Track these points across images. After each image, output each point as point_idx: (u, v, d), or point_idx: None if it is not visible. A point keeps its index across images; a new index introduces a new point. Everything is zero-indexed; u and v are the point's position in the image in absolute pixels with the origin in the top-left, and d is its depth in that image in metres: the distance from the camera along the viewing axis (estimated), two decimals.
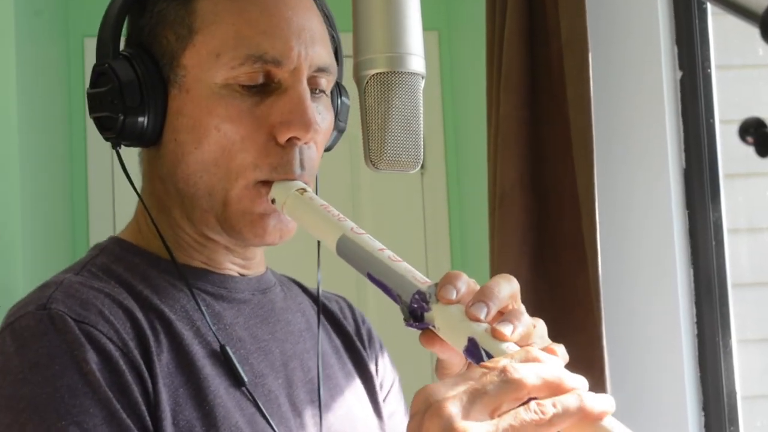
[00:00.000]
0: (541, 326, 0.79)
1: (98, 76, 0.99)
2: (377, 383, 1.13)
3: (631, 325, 1.92)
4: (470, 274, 0.80)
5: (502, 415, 0.65)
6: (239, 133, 0.96)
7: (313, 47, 0.98)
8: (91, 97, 0.99)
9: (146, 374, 0.90)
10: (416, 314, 0.78)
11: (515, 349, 0.72)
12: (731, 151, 1.93)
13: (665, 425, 1.89)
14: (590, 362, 1.78)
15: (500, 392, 0.65)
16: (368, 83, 0.80)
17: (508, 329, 0.74)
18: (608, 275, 1.84)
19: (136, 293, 0.96)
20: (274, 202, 0.96)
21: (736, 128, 0.69)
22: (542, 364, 0.68)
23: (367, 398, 1.10)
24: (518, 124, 1.93)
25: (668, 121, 1.91)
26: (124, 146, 1.00)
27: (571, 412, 0.65)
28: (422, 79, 0.82)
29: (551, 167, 1.94)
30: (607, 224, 1.86)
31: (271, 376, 1.00)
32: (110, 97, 0.97)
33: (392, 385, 1.16)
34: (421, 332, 0.79)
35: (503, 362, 0.67)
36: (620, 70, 1.97)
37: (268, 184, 0.97)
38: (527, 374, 0.66)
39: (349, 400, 1.08)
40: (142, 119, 0.97)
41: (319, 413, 1.03)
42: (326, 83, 1.01)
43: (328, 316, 1.14)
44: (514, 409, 0.65)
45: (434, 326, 0.78)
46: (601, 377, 1.77)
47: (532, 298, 1.87)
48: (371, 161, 0.81)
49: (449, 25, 3.14)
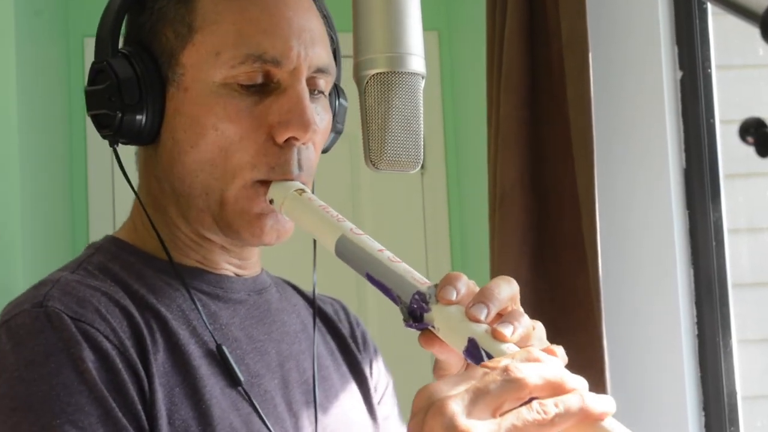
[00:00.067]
0: (540, 328, 0.79)
1: (96, 73, 0.98)
2: (372, 386, 1.12)
3: (631, 325, 1.92)
4: (470, 274, 0.80)
5: (504, 414, 0.65)
6: (237, 132, 0.95)
7: (313, 48, 0.98)
8: (89, 94, 0.99)
9: (142, 373, 0.90)
10: (416, 315, 0.78)
11: (515, 350, 0.72)
12: (731, 151, 1.93)
13: (665, 425, 1.89)
14: (590, 362, 1.78)
15: (503, 391, 0.65)
16: (368, 83, 0.80)
17: (508, 330, 0.73)
18: (608, 275, 1.83)
19: (132, 292, 0.96)
20: (272, 202, 0.96)
21: (736, 128, 0.69)
22: (544, 364, 0.68)
23: (361, 400, 1.10)
24: (518, 124, 1.93)
25: (668, 121, 1.91)
26: (121, 144, 1.00)
27: (573, 412, 0.65)
28: (422, 79, 0.82)
29: (551, 167, 1.93)
30: (607, 224, 1.85)
31: (267, 376, 1.00)
32: (108, 94, 0.96)
33: (386, 388, 1.15)
34: (420, 333, 0.79)
35: (505, 362, 0.67)
36: (620, 70, 1.96)
37: (265, 184, 0.96)
38: (529, 374, 0.66)
39: (344, 401, 1.07)
40: (140, 117, 0.97)
41: (314, 414, 1.02)
42: (325, 84, 1.01)
43: (323, 318, 1.14)
44: (516, 408, 0.65)
45: (434, 327, 0.78)
46: (601, 377, 1.77)
47: (532, 298, 1.87)
48: (371, 161, 0.81)
49: (449, 25, 3.13)
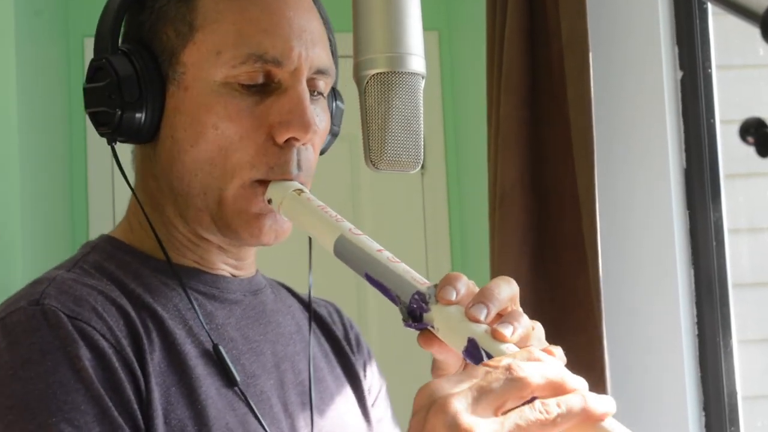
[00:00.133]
0: (539, 329, 0.79)
1: (96, 70, 0.98)
2: (366, 388, 1.12)
3: (631, 325, 1.92)
4: (470, 274, 0.80)
5: (506, 413, 0.65)
6: (237, 132, 0.95)
7: (313, 48, 0.98)
8: (88, 91, 0.98)
9: (139, 372, 0.89)
10: (415, 315, 0.78)
11: (515, 350, 0.72)
12: (732, 151, 1.92)
13: (666, 425, 1.89)
14: (591, 362, 1.78)
15: (505, 390, 0.65)
16: (368, 83, 0.80)
17: (508, 330, 0.73)
18: (609, 275, 1.83)
19: (128, 291, 0.95)
20: (270, 202, 0.95)
21: (736, 128, 0.69)
22: (545, 363, 0.68)
23: (356, 402, 1.10)
24: (518, 124, 1.93)
25: (669, 121, 1.91)
26: (119, 143, 0.99)
27: (574, 412, 0.65)
28: (422, 79, 0.82)
29: (552, 167, 1.93)
30: (607, 224, 1.85)
31: (263, 376, 1.00)
32: (108, 91, 0.96)
33: (380, 391, 1.15)
34: (419, 333, 0.79)
35: (507, 361, 0.67)
36: (621, 70, 1.96)
37: (264, 183, 0.96)
38: (532, 373, 0.66)
39: (338, 403, 1.07)
40: (139, 115, 0.96)
41: (310, 415, 1.02)
42: (324, 85, 1.01)
43: (317, 320, 1.14)
44: (518, 407, 0.65)
45: (433, 327, 0.78)
46: (601, 377, 1.77)
47: (532, 298, 1.87)
48: (371, 161, 0.81)
49: (449, 25, 3.13)
